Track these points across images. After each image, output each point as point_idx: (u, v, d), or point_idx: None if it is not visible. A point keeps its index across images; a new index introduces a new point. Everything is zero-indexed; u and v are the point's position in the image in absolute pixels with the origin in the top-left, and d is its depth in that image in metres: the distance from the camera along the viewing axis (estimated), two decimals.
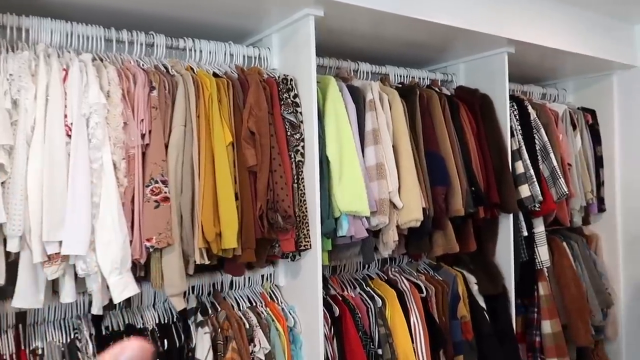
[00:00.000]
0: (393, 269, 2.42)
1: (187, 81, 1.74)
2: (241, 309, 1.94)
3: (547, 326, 2.69)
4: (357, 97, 2.12)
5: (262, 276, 2.10)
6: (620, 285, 3.18)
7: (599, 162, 3.16)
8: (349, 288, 2.24)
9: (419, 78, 2.59)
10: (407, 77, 2.54)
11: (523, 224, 2.61)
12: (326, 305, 2.08)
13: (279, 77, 1.97)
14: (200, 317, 1.81)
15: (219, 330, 1.79)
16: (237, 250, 1.75)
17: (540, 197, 2.56)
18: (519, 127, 2.66)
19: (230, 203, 1.72)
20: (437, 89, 2.54)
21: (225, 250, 1.73)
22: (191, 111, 1.72)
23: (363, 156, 2.06)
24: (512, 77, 3.08)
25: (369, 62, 2.42)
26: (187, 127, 1.72)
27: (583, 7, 2.76)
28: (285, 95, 1.92)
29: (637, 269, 3.10)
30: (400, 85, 2.44)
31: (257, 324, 1.87)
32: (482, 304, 2.49)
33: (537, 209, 2.59)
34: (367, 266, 2.40)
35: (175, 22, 1.99)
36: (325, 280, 2.24)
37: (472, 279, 2.52)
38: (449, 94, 2.57)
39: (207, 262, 1.70)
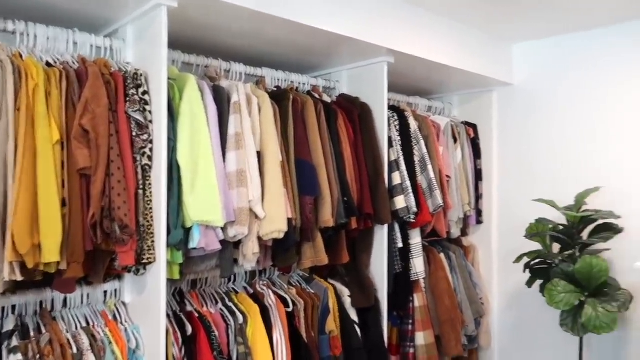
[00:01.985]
0: (261, 282, 2.29)
1: (5, 68, 1.50)
2: (72, 330, 1.71)
3: (420, 338, 2.69)
4: (221, 98, 1.97)
5: (106, 292, 1.88)
6: (494, 294, 3.30)
7: (478, 175, 3.25)
8: (209, 303, 2.08)
9: (299, 83, 2.50)
10: (285, 81, 2.44)
11: (399, 235, 2.60)
12: (178, 323, 1.91)
13: (128, 71, 1.77)
14: (15, 342, 1.56)
15: (38, 356, 1.55)
16: (62, 264, 1.53)
17: (415, 209, 2.56)
18: (399, 138, 2.65)
19: (53, 210, 1.50)
20: (317, 96, 2.47)
21: (48, 264, 1.51)
22: (7, 103, 1.49)
23: (224, 162, 1.92)
24: (401, 88, 3.11)
25: (249, 63, 2.29)
26: (1, 122, 1.48)
27: (466, 24, 2.82)
28: (132, 91, 1.73)
29: (510, 279, 3.22)
30: (276, 89, 2.33)
31: (89, 348, 1.66)
32: (354, 317, 2.43)
33: (412, 220, 2.59)
34: (232, 279, 2.26)
35: (22, 6, 1.75)
36: (182, 295, 2.07)
37: (345, 292, 2.45)
38: (330, 101, 2.51)
39: (19, 278, 1.47)
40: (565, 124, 3.00)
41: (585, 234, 2.70)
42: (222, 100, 1.97)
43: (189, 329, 1.89)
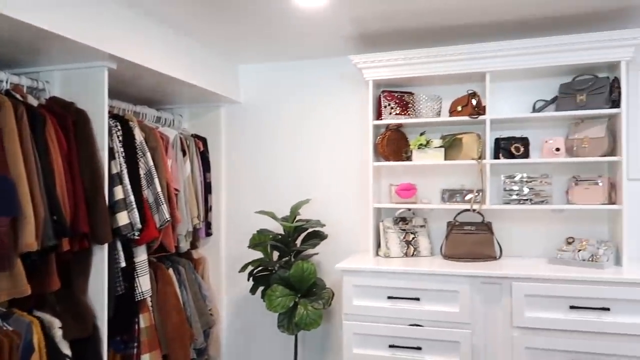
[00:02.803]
0: None
1: None
2: None
3: None
4: None
5: None
6: (224, 304, 3.40)
7: (207, 188, 3.31)
8: None
9: None
10: None
11: (121, 254, 2.43)
12: None
13: None
14: None
15: None
16: None
17: (140, 225, 2.44)
18: (122, 150, 2.48)
19: None
20: (19, 96, 2.10)
21: None
22: None
23: None
24: (128, 96, 2.92)
25: None
26: None
27: (196, 40, 2.85)
28: None
29: (237, 288, 3.37)
30: None
31: None
32: (67, 350, 2.15)
33: (137, 237, 2.46)
34: None
35: None
36: None
37: (55, 323, 2.14)
38: (37, 104, 2.17)
39: None
40: (285, 141, 3.33)
41: (299, 242, 3.03)
42: None
43: None
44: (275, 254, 3.06)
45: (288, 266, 2.86)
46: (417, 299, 2.48)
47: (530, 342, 2.32)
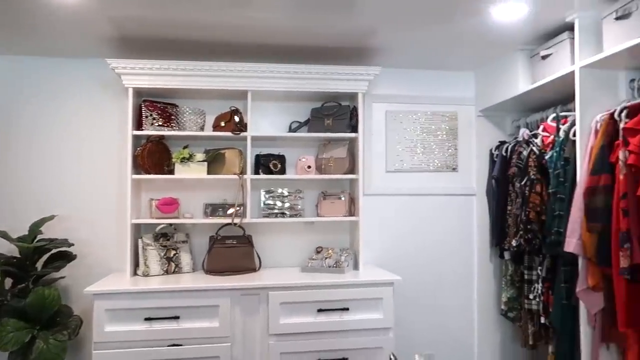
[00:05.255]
0: None
1: None
2: None
3: None
4: None
5: None
6: None
7: None
8: None
9: None
10: None
11: None
12: None
13: None
14: None
15: None
16: None
17: None
18: None
19: None
20: None
21: None
22: None
23: None
24: None
25: None
26: None
27: None
28: None
29: None
30: None
31: None
32: None
33: None
34: None
35: None
36: None
37: None
38: None
39: None
40: (30, 148, 2.86)
41: (40, 264, 2.62)
42: None
43: None
44: (10, 281, 2.58)
45: (25, 294, 2.45)
46: (177, 318, 2.40)
47: (285, 347, 2.48)
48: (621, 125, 1.99)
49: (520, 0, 2.12)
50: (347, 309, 2.53)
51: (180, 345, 2.38)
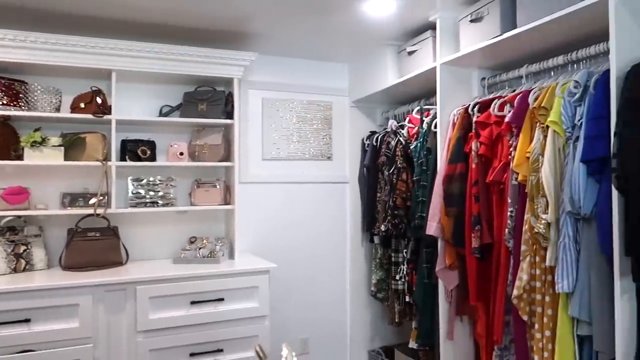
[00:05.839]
0: None
1: None
2: None
3: None
4: None
5: None
6: None
7: None
8: None
9: None
10: None
11: None
12: None
13: None
14: None
15: None
16: None
17: None
18: None
19: None
20: None
21: None
22: None
23: None
24: None
25: None
26: None
27: None
28: None
29: None
30: None
31: None
32: None
33: None
34: None
35: None
36: None
37: None
38: None
39: None
40: None
41: None
42: None
43: None
44: None
45: None
46: (28, 321, 2.14)
47: (155, 344, 2.35)
48: (474, 119, 2.19)
49: None
50: (222, 300, 2.47)
51: (33, 350, 2.14)
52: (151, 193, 2.71)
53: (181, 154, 2.75)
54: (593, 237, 1.62)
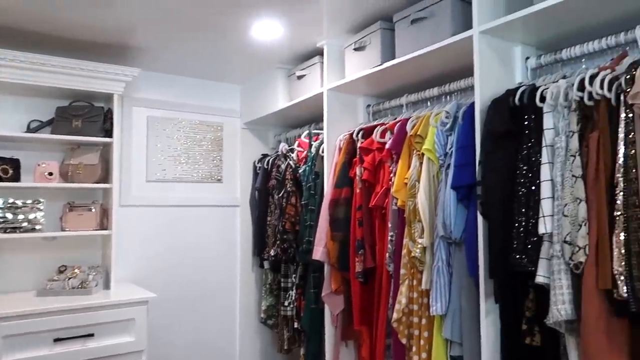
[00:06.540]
0: None
1: None
2: None
3: None
4: None
5: None
6: None
7: None
8: None
9: None
10: None
11: None
12: None
13: None
14: None
15: None
16: None
17: None
18: None
19: None
20: None
21: None
22: None
23: None
24: None
25: None
26: None
27: None
28: None
29: None
30: None
31: None
32: None
33: None
34: None
35: None
36: None
37: None
38: None
39: None
40: None
41: None
42: None
43: None
44: None
45: None
46: None
47: None
48: (358, 145, 2.23)
49: (275, 21, 2.22)
50: (92, 335, 2.24)
51: None
52: (12, 217, 2.42)
53: (50, 174, 2.49)
54: (463, 260, 1.70)
